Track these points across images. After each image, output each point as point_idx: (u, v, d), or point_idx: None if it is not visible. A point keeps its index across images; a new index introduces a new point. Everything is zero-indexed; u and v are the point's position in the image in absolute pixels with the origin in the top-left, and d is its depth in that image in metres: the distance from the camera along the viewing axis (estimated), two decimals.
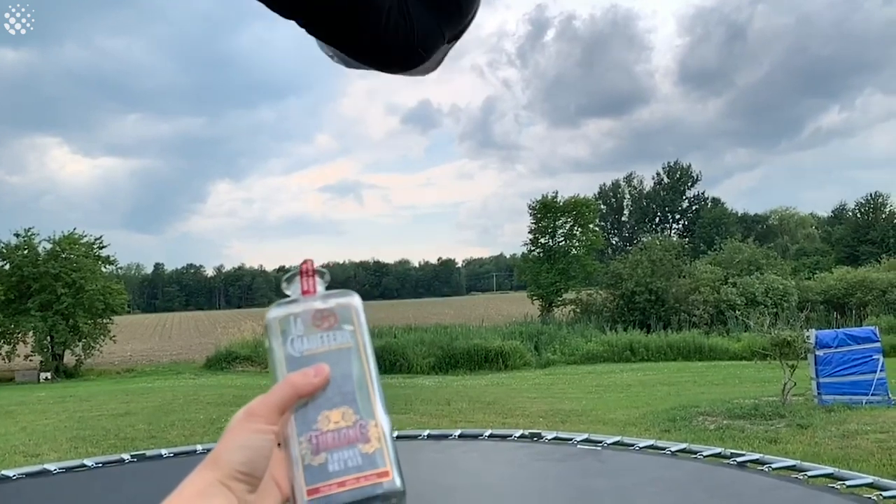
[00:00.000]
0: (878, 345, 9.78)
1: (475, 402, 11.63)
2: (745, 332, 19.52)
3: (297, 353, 0.55)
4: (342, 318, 0.56)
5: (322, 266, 0.59)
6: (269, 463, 0.53)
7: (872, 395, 9.41)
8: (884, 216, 56.18)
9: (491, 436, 3.04)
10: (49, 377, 21.77)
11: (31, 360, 22.83)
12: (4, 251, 23.09)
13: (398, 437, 3.06)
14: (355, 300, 0.58)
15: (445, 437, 3.10)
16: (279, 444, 0.54)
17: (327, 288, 0.59)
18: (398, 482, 0.52)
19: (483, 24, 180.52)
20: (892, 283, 25.13)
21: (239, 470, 0.51)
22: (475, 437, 3.07)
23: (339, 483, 0.51)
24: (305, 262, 0.59)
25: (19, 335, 22.61)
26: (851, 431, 7.68)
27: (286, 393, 0.52)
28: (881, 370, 9.57)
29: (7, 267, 23.04)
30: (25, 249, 23.11)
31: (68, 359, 23.46)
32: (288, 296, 0.58)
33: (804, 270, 34.11)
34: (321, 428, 0.53)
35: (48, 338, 22.47)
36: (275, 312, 0.56)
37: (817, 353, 9.70)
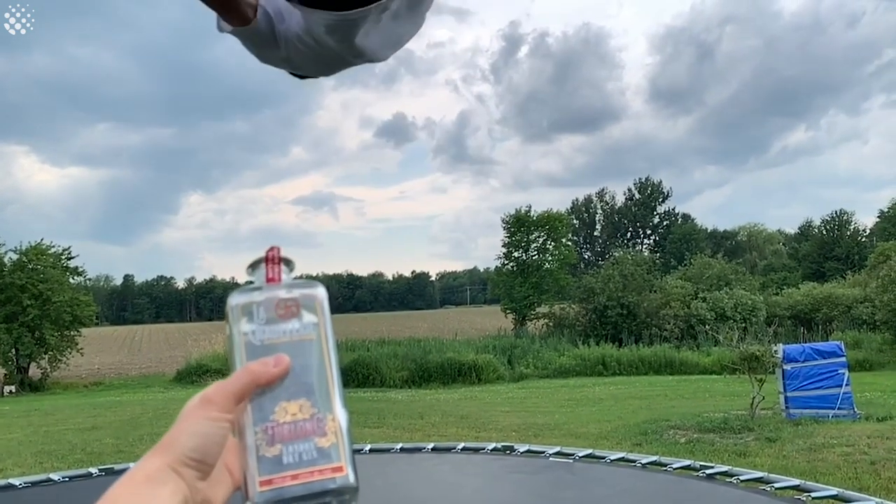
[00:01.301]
0: (843, 359, 9.96)
1: (448, 415, 11.61)
2: (715, 346, 19.75)
3: (258, 342, 0.53)
4: (306, 308, 0.55)
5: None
6: (223, 451, 0.52)
7: (839, 409, 9.57)
8: (848, 233, 57.38)
9: (464, 449, 3.04)
10: (13, 390, 21.29)
11: None
12: None
13: (370, 451, 3.05)
14: (320, 291, 0.56)
15: (418, 450, 3.10)
16: (234, 433, 0.53)
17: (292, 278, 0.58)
18: (352, 478, 0.52)
19: (457, 39, 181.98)
20: (857, 298, 25.62)
21: (190, 456, 0.50)
22: (448, 450, 3.07)
23: (293, 476, 0.50)
24: (272, 248, 0.57)
25: None
26: (818, 445, 7.80)
27: (244, 381, 0.51)
28: (846, 384, 9.74)
29: None
30: None
31: (34, 372, 22.96)
32: (252, 282, 0.57)
33: (772, 286, 34.66)
34: (278, 419, 0.52)
35: (13, 350, 22.00)
36: (237, 298, 0.55)
37: (785, 367, 9.85)
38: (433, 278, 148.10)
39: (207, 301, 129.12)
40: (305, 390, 0.53)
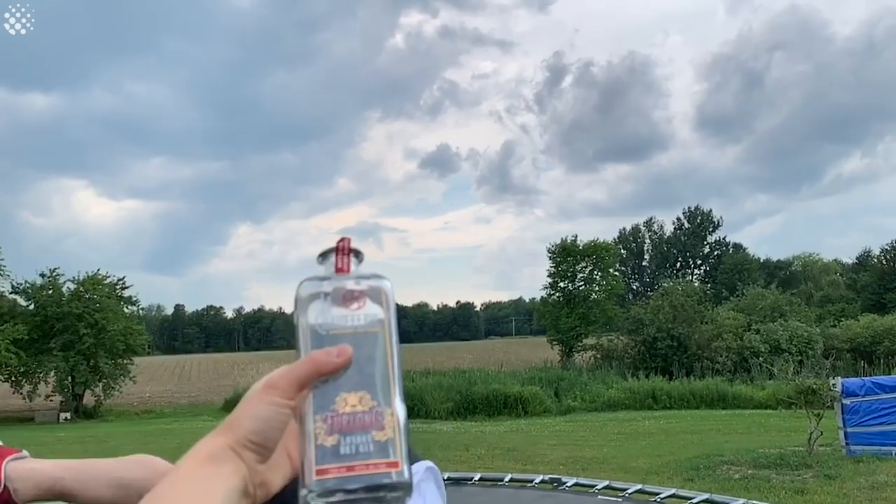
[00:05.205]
0: None
1: (494, 448, 11.47)
2: (770, 380, 19.18)
3: (323, 331, 0.54)
4: (372, 301, 0.55)
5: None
6: (283, 436, 0.53)
7: None
8: None
9: (511, 480, 3.01)
10: (68, 417, 21.84)
11: (51, 401, 22.94)
12: (30, 291, 23.44)
13: None
14: (387, 285, 0.56)
15: (466, 480, 3.07)
16: (295, 419, 0.53)
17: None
18: (406, 474, 0.51)
19: (501, 70, 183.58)
20: None
21: (251, 439, 0.52)
22: (496, 481, 3.04)
23: (349, 467, 0.51)
24: (342, 239, 0.57)
25: (41, 375, 22.77)
26: (881, 483, 7.47)
27: (307, 369, 0.52)
28: None
29: (31, 307, 23.36)
30: (50, 290, 23.44)
31: (87, 399, 23.54)
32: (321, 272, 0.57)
33: (829, 318, 33.56)
34: (337, 409, 0.52)
35: (69, 377, 22.61)
36: (306, 287, 0.55)
37: (844, 401, 9.49)
38: (478, 309, 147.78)
39: (255, 331, 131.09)
40: (366, 383, 0.53)
